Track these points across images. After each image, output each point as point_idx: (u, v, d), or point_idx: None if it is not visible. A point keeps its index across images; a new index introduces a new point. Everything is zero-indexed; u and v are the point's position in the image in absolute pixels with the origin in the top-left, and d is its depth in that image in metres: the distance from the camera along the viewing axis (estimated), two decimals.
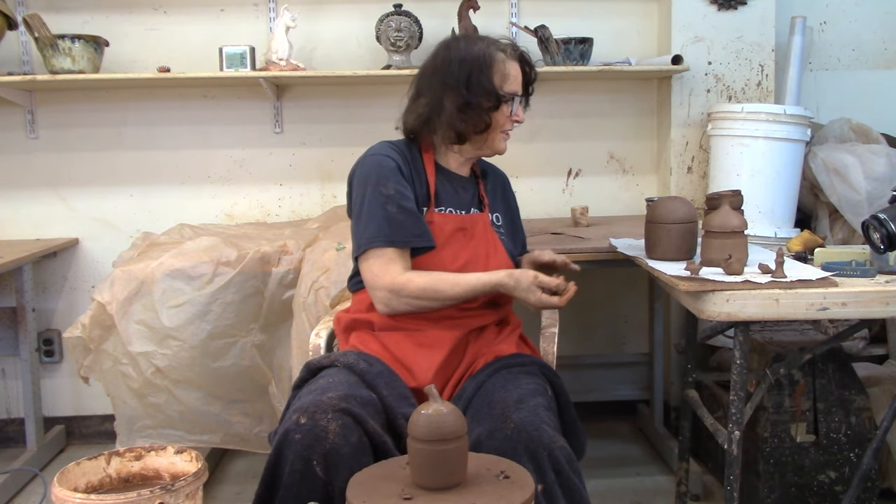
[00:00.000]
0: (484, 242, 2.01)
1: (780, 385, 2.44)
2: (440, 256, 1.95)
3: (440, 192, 2.01)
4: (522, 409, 1.70)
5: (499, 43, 2.01)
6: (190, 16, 3.27)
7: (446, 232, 1.97)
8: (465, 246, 1.98)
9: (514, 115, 2.03)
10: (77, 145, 3.31)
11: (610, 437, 3.34)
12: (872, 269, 2.04)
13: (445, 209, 2.00)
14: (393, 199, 1.90)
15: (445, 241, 1.96)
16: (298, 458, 1.63)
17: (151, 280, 2.59)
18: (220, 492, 2.90)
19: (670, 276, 2.04)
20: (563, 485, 1.63)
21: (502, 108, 1.99)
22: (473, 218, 2.03)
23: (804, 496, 2.46)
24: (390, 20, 3.12)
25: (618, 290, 3.49)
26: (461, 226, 1.99)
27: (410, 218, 1.91)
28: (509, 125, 2.03)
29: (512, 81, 2.00)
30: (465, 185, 2.07)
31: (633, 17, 3.37)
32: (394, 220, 1.89)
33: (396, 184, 1.92)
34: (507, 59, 1.99)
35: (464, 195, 2.06)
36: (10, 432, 3.39)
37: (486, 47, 1.98)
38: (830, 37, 3.46)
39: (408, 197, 1.92)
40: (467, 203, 2.05)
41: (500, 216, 2.13)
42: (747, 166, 2.85)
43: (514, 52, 2.02)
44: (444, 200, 2.01)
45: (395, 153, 1.98)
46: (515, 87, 2.01)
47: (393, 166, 1.94)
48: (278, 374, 2.73)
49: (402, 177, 1.94)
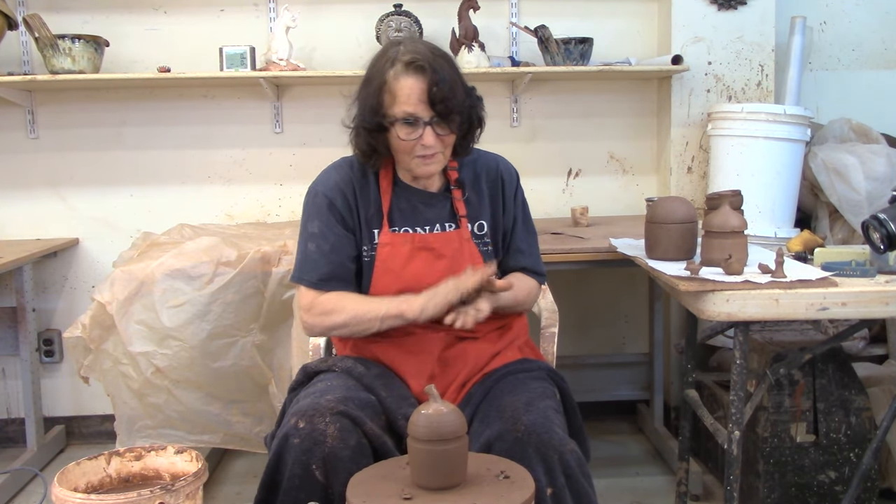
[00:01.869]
0: (460, 260, 1.88)
1: (780, 385, 2.44)
2: (400, 279, 1.86)
3: (395, 211, 1.89)
4: (532, 411, 1.69)
5: (398, 54, 1.76)
6: (190, 16, 3.27)
7: (403, 253, 1.86)
8: (431, 266, 1.86)
9: (420, 139, 1.76)
10: (77, 145, 3.31)
11: (610, 437, 3.33)
12: (872, 269, 2.04)
13: (401, 229, 1.88)
14: (314, 238, 1.85)
15: (405, 263, 1.86)
16: (297, 462, 1.63)
17: (151, 280, 2.59)
18: (220, 492, 2.90)
19: (670, 276, 2.04)
20: (572, 488, 1.63)
21: (393, 131, 1.77)
22: (445, 236, 1.89)
23: (804, 496, 2.46)
24: (390, 20, 3.12)
25: (618, 290, 3.49)
26: (424, 245, 1.87)
27: (326, 258, 1.84)
28: (419, 149, 1.78)
29: (402, 102, 1.74)
30: (431, 201, 1.91)
31: (633, 17, 3.37)
32: (309, 259, 1.85)
33: (322, 223, 1.85)
34: (400, 76, 1.74)
35: (428, 212, 1.90)
36: (10, 432, 3.39)
37: (383, 63, 1.77)
38: (830, 37, 3.46)
39: (330, 237, 1.85)
40: (434, 219, 1.90)
41: (484, 223, 1.94)
42: (747, 166, 2.85)
43: (407, 67, 1.74)
44: (399, 220, 1.89)
45: (341, 179, 1.88)
46: (407, 108, 1.74)
47: (323, 204, 1.86)
48: (278, 374, 2.73)
49: (335, 212, 1.85)
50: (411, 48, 1.76)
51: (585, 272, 3.41)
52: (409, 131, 1.76)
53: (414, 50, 1.75)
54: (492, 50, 3.22)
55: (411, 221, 1.89)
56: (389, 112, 1.76)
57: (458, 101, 1.76)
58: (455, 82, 1.76)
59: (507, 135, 3.39)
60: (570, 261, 2.62)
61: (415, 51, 1.75)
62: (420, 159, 1.80)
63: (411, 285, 1.84)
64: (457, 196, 1.92)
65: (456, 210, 1.92)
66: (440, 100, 1.72)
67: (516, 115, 3.38)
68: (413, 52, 1.74)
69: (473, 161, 1.98)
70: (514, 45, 3.33)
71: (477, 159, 1.99)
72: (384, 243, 1.87)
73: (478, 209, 1.94)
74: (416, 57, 1.73)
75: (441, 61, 1.75)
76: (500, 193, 1.98)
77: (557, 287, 1.99)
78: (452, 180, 1.93)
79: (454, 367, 1.88)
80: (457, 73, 1.79)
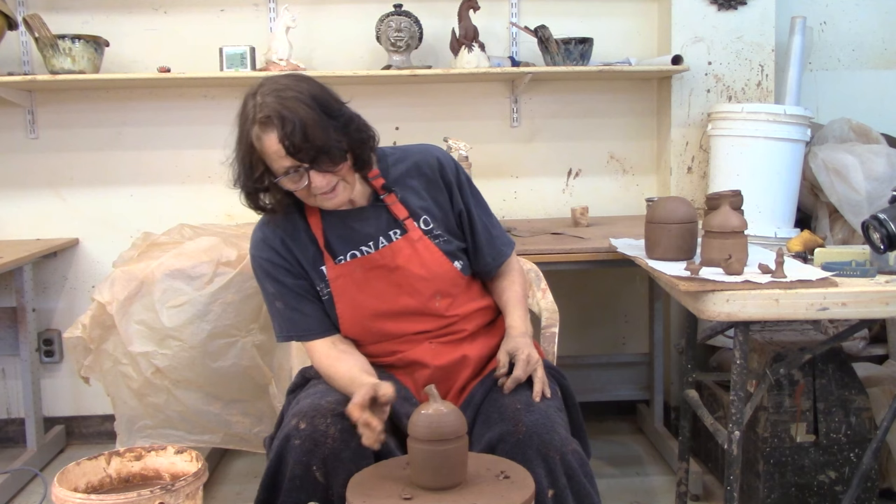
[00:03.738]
0: (417, 263, 1.84)
1: (780, 385, 2.44)
2: (362, 305, 1.84)
3: (332, 241, 1.84)
4: (534, 411, 1.69)
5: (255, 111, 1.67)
6: (190, 16, 3.27)
7: (358, 278, 1.83)
8: (387, 280, 1.83)
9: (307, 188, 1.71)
10: (77, 145, 3.31)
11: (610, 437, 3.33)
12: (872, 269, 2.04)
13: (346, 256, 1.84)
14: (277, 297, 1.84)
15: (362, 284, 1.83)
16: (298, 464, 1.63)
17: (151, 280, 2.59)
18: (220, 492, 2.90)
19: (670, 276, 2.04)
20: (574, 489, 1.63)
21: (281, 182, 1.71)
22: (391, 249, 1.84)
23: (804, 496, 2.46)
24: (390, 20, 3.12)
25: (618, 290, 3.48)
26: (374, 265, 1.83)
27: (296, 313, 1.84)
28: (315, 190, 1.72)
29: (274, 160, 1.68)
30: (365, 216, 1.85)
31: (633, 17, 3.37)
32: (283, 316, 1.85)
33: (272, 282, 1.84)
34: (262, 136, 1.67)
35: (365, 227, 1.85)
36: (10, 432, 3.39)
37: (244, 121, 1.70)
38: (830, 37, 3.46)
39: (288, 291, 1.83)
40: (374, 233, 1.85)
41: (428, 218, 1.88)
42: (747, 166, 2.85)
43: (262, 125, 1.66)
44: (340, 248, 1.84)
45: (266, 237, 1.84)
46: (282, 164, 1.67)
47: (265, 266, 1.84)
48: (278, 374, 2.73)
49: (278, 269, 1.83)
50: (261, 101, 1.67)
51: (585, 272, 3.41)
52: (294, 182, 1.70)
53: (264, 104, 1.66)
54: (492, 50, 3.22)
55: (353, 243, 1.84)
56: (268, 169, 1.71)
57: (321, 140, 1.65)
58: (311, 121, 1.65)
59: (506, 135, 3.39)
60: (570, 261, 2.62)
61: (265, 104, 1.66)
62: (322, 197, 1.74)
63: (376, 305, 1.83)
64: (390, 201, 1.86)
65: (395, 215, 1.85)
66: (299, 148, 1.64)
67: (516, 116, 3.38)
68: (263, 107, 1.66)
69: (401, 159, 1.91)
70: (514, 45, 3.33)
71: (401, 157, 1.91)
72: (335, 277, 1.83)
73: (417, 205, 1.87)
74: (266, 112, 1.65)
75: (293, 104, 1.65)
76: (440, 180, 1.90)
77: (557, 287, 1.99)
78: (379, 188, 1.86)
79: (455, 371, 1.88)
80: (314, 106, 1.67)
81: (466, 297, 1.91)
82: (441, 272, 1.85)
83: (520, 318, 1.91)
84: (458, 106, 3.37)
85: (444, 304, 1.86)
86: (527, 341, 1.84)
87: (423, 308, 1.85)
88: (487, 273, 1.98)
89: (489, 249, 1.95)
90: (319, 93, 1.72)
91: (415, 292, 1.84)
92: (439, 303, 1.86)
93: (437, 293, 1.85)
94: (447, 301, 1.87)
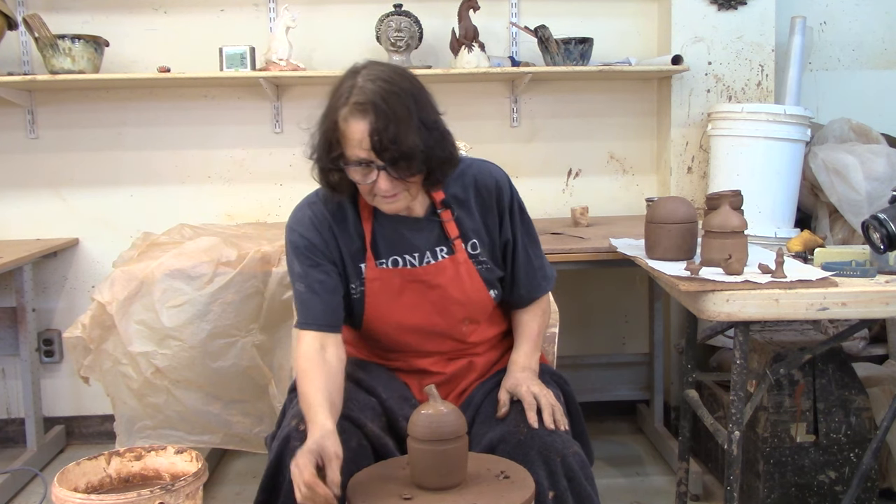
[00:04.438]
0: (456, 287, 1.79)
1: (780, 385, 2.43)
2: (392, 313, 1.79)
3: (379, 241, 1.77)
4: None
5: (351, 91, 1.61)
6: (190, 16, 3.27)
7: (394, 287, 1.78)
8: (423, 297, 1.78)
9: (372, 185, 1.64)
10: (77, 145, 3.31)
11: (610, 437, 3.33)
12: (872, 269, 2.04)
13: (388, 260, 1.78)
14: (301, 278, 1.75)
15: (396, 296, 1.78)
16: None
17: (151, 280, 2.59)
18: (220, 492, 2.90)
19: (670, 276, 2.04)
20: (575, 492, 1.62)
21: (349, 171, 1.65)
22: (436, 267, 1.78)
23: (804, 496, 2.46)
24: (390, 20, 3.12)
25: (618, 290, 3.48)
26: (415, 278, 1.78)
27: (316, 299, 1.73)
28: (378, 191, 1.65)
29: (352, 145, 1.61)
30: (418, 227, 1.78)
31: (633, 17, 3.37)
32: (300, 299, 1.76)
33: (303, 263, 1.74)
34: (349, 118, 1.60)
35: (416, 238, 1.78)
36: (10, 432, 3.39)
37: (338, 98, 1.64)
38: (830, 37, 3.46)
39: (315, 276, 1.74)
40: (423, 246, 1.78)
41: (477, 242, 1.81)
42: (747, 166, 2.85)
43: (353, 109, 1.59)
44: (385, 250, 1.78)
45: (315, 216, 1.76)
46: (358, 153, 1.61)
47: (300, 244, 1.75)
48: (278, 374, 2.72)
49: (313, 251, 1.74)
50: (362, 85, 1.61)
51: (585, 272, 3.41)
52: (362, 175, 1.64)
53: (363, 88, 1.60)
54: (492, 50, 3.22)
55: (398, 250, 1.78)
56: (343, 154, 1.64)
57: (409, 147, 1.58)
58: (405, 124, 1.58)
59: (506, 135, 3.39)
60: (570, 261, 2.62)
61: (364, 89, 1.59)
62: (381, 199, 1.67)
63: (404, 318, 1.79)
64: (446, 217, 1.79)
65: (447, 233, 1.79)
66: (385, 147, 1.57)
67: (516, 115, 3.38)
68: (362, 92, 1.59)
69: (461, 174, 1.81)
70: (514, 45, 3.33)
71: (464, 172, 1.82)
72: (372, 279, 1.77)
73: (468, 227, 1.81)
74: (363, 98, 1.58)
75: (394, 100, 1.58)
76: (495, 205, 1.83)
77: (557, 287, 1.99)
78: (438, 202, 1.79)
79: (459, 375, 1.88)
80: (413, 109, 1.60)
81: (489, 323, 1.89)
82: (476, 299, 1.81)
83: (525, 355, 1.84)
84: (457, 106, 3.35)
85: (470, 329, 1.84)
86: (527, 375, 1.78)
87: (450, 331, 1.82)
88: (518, 304, 1.91)
89: (526, 282, 1.88)
90: (420, 96, 1.65)
91: (447, 314, 1.81)
92: (466, 327, 1.84)
93: (468, 318, 1.83)
94: (473, 327, 1.85)
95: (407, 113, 1.59)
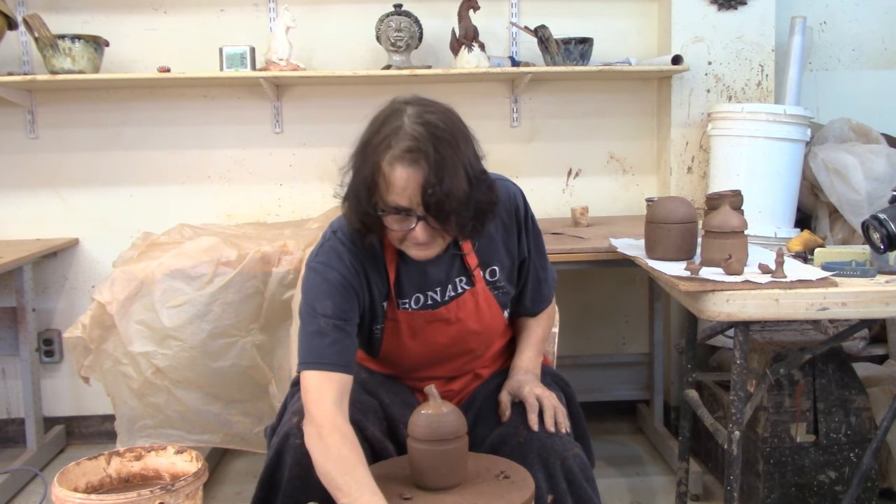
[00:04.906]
0: (475, 319, 1.75)
1: (780, 385, 2.43)
2: (413, 350, 1.76)
3: (403, 281, 1.71)
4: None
5: (399, 133, 1.50)
6: (190, 16, 3.27)
7: (415, 325, 1.74)
8: (442, 332, 1.74)
9: (411, 231, 1.54)
10: (77, 145, 3.31)
11: (610, 437, 3.33)
12: (872, 269, 2.04)
13: (411, 301, 1.72)
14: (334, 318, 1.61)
15: (417, 334, 1.75)
16: (297, 464, 1.62)
17: (151, 280, 2.59)
18: (220, 492, 2.90)
19: (670, 276, 2.04)
20: (574, 494, 1.61)
21: (385, 218, 1.55)
22: (457, 304, 1.73)
23: (804, 496, 2.46)
24: (390, 20, 3.12)
25: (618, 290, 3.48)
26: (435, 318, 1.73)
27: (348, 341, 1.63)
28: (412, 239, 1.56)
29: (395, 193, 1.50)
30: (440, 261, 1.70)
31: (633, 17, 3.37)
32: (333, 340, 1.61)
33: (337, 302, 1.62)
34: (395, 164, 1.48)
35: (437, 273, 1.72)
36: (10, 432, 3.39)
37: (382, 138, 1.51)
38: (830, 37, 3.46)
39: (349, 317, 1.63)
40: (445, 280, 1.73)
41: (496, 269, 1.77)
42: (747, 166, 2.85)
43: (403, 155, 1.48)
44: (408, 290, 1.72)
45: (352, 252, 1.66)
46: (400, 202, 1.50)
47: (337, 282, 1.63)
48: (278, 374, 2.73)
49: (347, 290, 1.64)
50: (411, 128, 1.49)
51: (585, 272, 3.41)
52: (400, 223, 1.54)
53: (413, 132, 1.49)
54: (492, 50, 3.22)
55: (421, 287, 1.72)
56: (382, 198, 1.52)
57: (457, 201, 1.49)
58: (456, 175, 1.49)
59: (506, 135, 3.39)
60: (570, 261, 2.62)
61: (414, 134, 1.48)
62: (414, 246, 1.59)
63: (423, 352, 1.77)
64: (466, 249, 1.73)
65: (467, 264, 1.73)
66: (435, 202, 1.48)
67: (516, 116, 3.38)
68: (411, 137, 1.48)
69: None
70: (514, 45, 3.33)
71: None
72: (393, 318, 1.72)
73: (489, 254, 1.75)
74: (413, 145, 1.47)
75: (445, 148, 1.49)
76: (514, 225, 1.77)
77: (558, 287, 1.99)
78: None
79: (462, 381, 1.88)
80: (461, 157, 1.51)
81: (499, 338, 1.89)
82: (493, 325, 1.80)
83: (528, 358, 1.83)
84: (458, 106, 3.29)
85: (483, 351, 1.84)
86: (528, 378, 1.77)
87: (464, 356, 1.82)
88: (522, 314, 1.90)
89: (532, 295, 1.87)
90: (470, 142, 1.57)
91: (463, 344, 1.79)
92: (482, 352, 1.83)
93: (484, 344, 1.83)
94: (486, 350, 1.85)
95: (460, 168, 1.50)
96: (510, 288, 1.81)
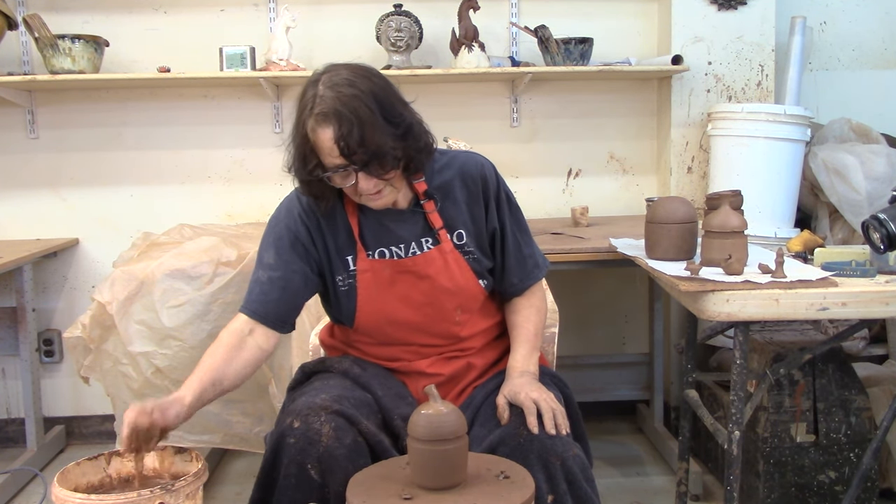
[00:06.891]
0: (446, 276, 1.80)
1: (780, 385, 2.44)
2: (385, 301, 1.80)
3: (366, 234, 1.80)
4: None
5: (314, 101, 1.63)
6: (190, 16, 3.27)
7: (385, 278, 1.80)
8: (414, 287, 1.80)
9: (354, 187, 1.68)
10: (77, 145, 3.31)
11: (610, 437, 3.33)
12: (872, 269, 2.04)
13: (376, 251, 1.80)
14: (269, 268, 1.79)
15: (388, 287, 1.80)
16: (293, 463, 1.62)
17: (151, 280, 2.59)
18: (220, 492, 2.90)
19: (670, 276, 2.04)
20: (574, 494, 1.61)
21: (329, 178, 1.68)
22: (425, 258, 1.80)
23: (804, 496, 2.46)
24: (390, 20, 3.12)
25: (618, 290, 3.49)
26: (405, 269, 1.80)
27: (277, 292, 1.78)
28: (361, 190, 1.69)
29: (325, 154, 1.65)
30: (401, 218, 1.80)
31: (633, 17, 3.37)
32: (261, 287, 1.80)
33: (281, 255, 1.79)
34: (316, 129, 1.63)
35: (400, 229, 1.80)
36: (10, 432, 3.39)
37: (303, 109, 1.66)
38: (830, 37, 3.46)
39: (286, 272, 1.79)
40: (408, 237, 1.81)
41: (463, 233, 1.83)
42: (747, 166, 2.85)
43: (317, 119, 1.62)
44: (373, 242, 1.80)
45: (307, 210, 1.80)
46: (331, 160, 1.64)
47: (282, 236, 1.80)
48: (278, 374, 2.73)
49: (295, 245, 1.79)
50: (322, 93, 1.63)
51: (585, 272, 3.41)
52: (342, 179, 1.67)
53: (324, 97, 1.62)
54: (492, 50, 3.23)
55: (384, 241, 1.80)
56: (321, 163, 1.67)
57: (377, 146, 1.62)
58: (369, 124, 1.61)
59: (506, 135, 3.39)
60: (570, 261, 2.62)
61: (324, 98, 1.62)
62: (367, 197, 1.71)
63: (396, 310, 1.80)
64: (429, 209, 1.80)
65: (431, 223, 1.81)
66: (353, 151, 1.61)
67: (516, 115, 3.38)
68: (322, 100, 1.62)
69: (446, 165, 1.84)
70: (514, 45, 3.33)
71: (449, 163, 1.85)
72: (363, 270, 1.79)
73: (454, 218, 1.82)
74: (324, 107, 1.61)
75: (355, 103, 1.61)
76: (481, 194, 1.84)
77: (557, 287, 1.99)
78: (421, 193, 1.81)
79: (458, 377, 1.88)
80: (375, 108, 1.63)
81: (482, 315, 1.89)
82: (467, 288, 1.82)
83: (522, 358, 1.83)
84: (458, 106, 3.37)
85: (463, 319, 1.84)
86: (525, 381, 1.76)
87: (442, 322, 1.83)
88: (511, 294, 1.91)
89: (517, 270, 1.89)
90: (382, 93, 1.66)
91: (438, 304, 1.81)
92: (459, 317, 1.84)
93: (459, 307, 1.84)
94: (466, 317, 1.85)
95: (369, 113, 1.62)
96: (482, 257, 1.85)
